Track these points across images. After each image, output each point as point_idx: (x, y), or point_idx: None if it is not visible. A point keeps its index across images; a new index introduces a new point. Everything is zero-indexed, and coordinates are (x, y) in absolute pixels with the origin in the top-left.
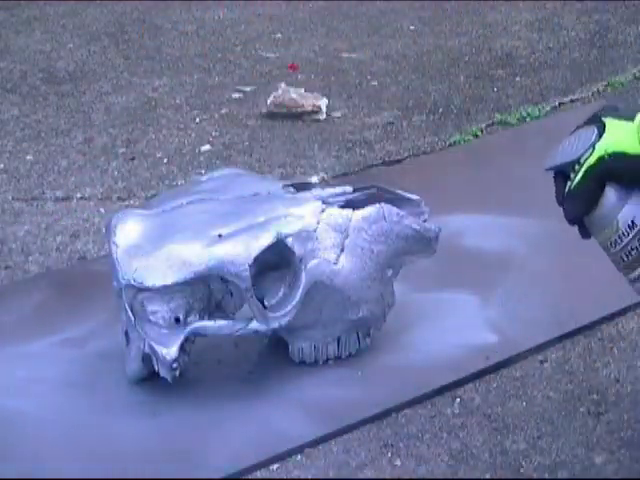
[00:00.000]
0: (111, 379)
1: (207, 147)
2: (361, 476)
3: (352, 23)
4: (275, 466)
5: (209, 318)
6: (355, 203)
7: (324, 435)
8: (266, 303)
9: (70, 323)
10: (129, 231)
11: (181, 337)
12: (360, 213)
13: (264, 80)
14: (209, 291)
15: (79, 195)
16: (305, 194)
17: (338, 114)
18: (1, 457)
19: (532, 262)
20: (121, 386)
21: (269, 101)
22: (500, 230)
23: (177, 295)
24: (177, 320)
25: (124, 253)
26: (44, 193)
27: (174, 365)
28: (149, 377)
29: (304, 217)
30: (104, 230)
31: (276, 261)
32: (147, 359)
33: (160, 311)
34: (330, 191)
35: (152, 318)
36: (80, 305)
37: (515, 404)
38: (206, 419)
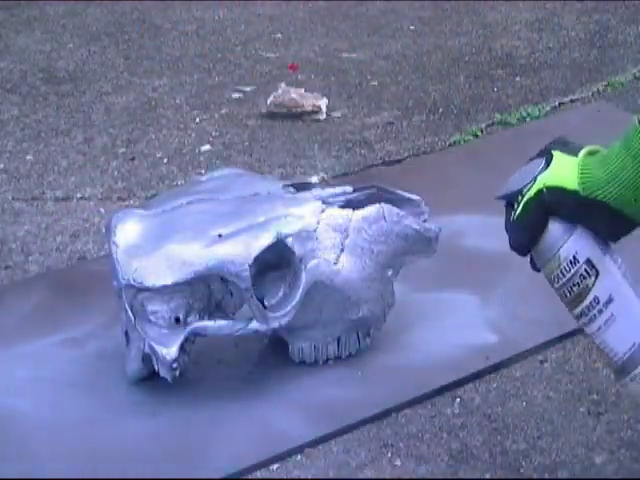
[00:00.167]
0: (111, 379)
1: (207, 147)
2: (361, 476)
3: (352, 23)
4: (275, 466)
5: (209, 318)
6: (355, 203)
7: (324, 435)
8: (266, 303)
9: (70, 323)
10: (129, 231)
11: (181, 337)
12: (360, 213)
13: (264, 80)
14: (209, 291)
15: (79, 195)
16: (305, 194)
17: (338, 114)
18: (1, 457)
19: None
20: (121, 386)
21: (269, 101)
22: (500, 230)
23: (177, 295)
24: (177, 320)
25: (124, 253)
26: (44, 193)
27: (174, 365)
28: (149, 377)
29: (304, 217)
30: (104, 230)
31: (276, 261)
32: (147, 359)
33: (160, 311)
34: (330, 191)
35: (152, 318)
36: (80, 305)
37: (515, 404)
38: (206, 419)
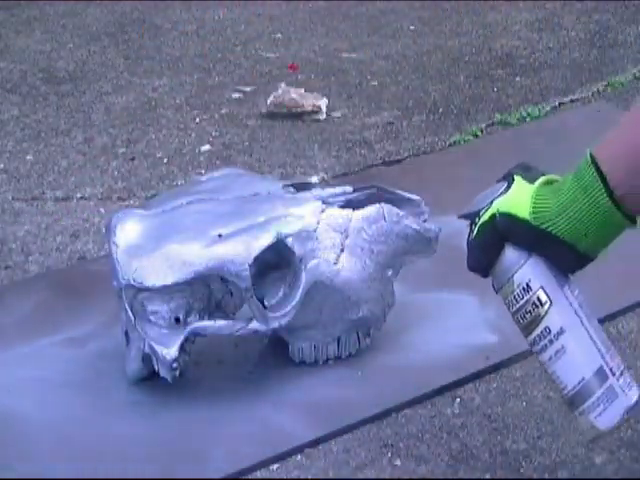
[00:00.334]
0: (111, 379)
1: (207, 147)
2: (361, 476)
3: (352, 23)
4: (275, 466)
5: (209, 318)
6: (355, 203)
7: (324, 435)
8: (266, 303)
9: (70, 323)
10: (129, 231)
11: (181, 337)
12: (360, 213)
13: (264, 80)
14: (209, 291)
15: (79, 195)
16: (305, 194)
17: (338, 114)
18: (1, 457)
19: None
20: (121, 386)
21: (269, 101)
22: None
23: (177, 295)
24: (177, 320)
25: (124, 253)
26: (44, 193)
27: (174, 365)
28: (149, 377)
29: (304, 217)
30: (104, 230)
31: (276, 261)
32: (147, 359)
33: (160, 311)
34: (330, 191)
35: (152, 318)
36: (80, 305)
37: (515, 404)
38: (206, 419)
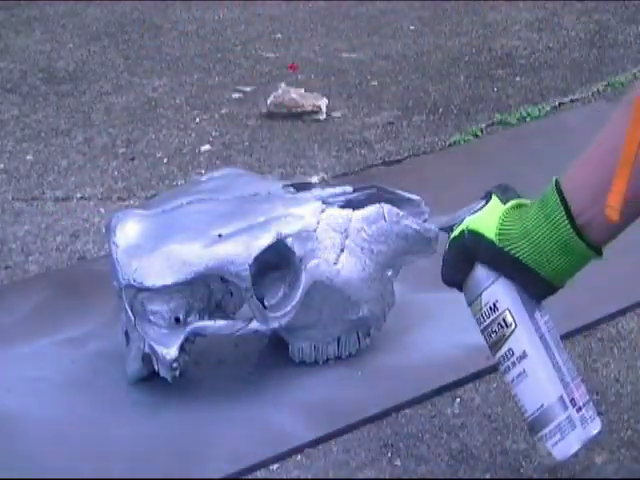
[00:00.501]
0: (111, 379)
1: (207, 147)
2: (361, 476)
3: (352, 23)
4: (275, 466)
5: (209, 318)
6: (355, 203)
7: (324, 435)
8: (266, 303)
9: (70, 323)
10: (129, 231)
11: (181, 337)
12: (360, 213)
13: (264, 80)
14: (209, 291)
15: (79, 195)
16: (305, 194)
17: (338, 114)
18: (1, 457)
19: None
20: (121, 386)
21: (269, 101)
22: None
23: (177, 295)
24: (177, 320)
25: (124, 253)
26: (44, 193)
27: (174, 365)
28: (149, 377)
29: (304, 217)
30: (104, 230)
31: (276, 261)
32: (147, 359)
33: (160, 311)
34: (330, 191)
35: (152, 318)
36: (80, 305)
37: (515, 404)
38: (206, 419)
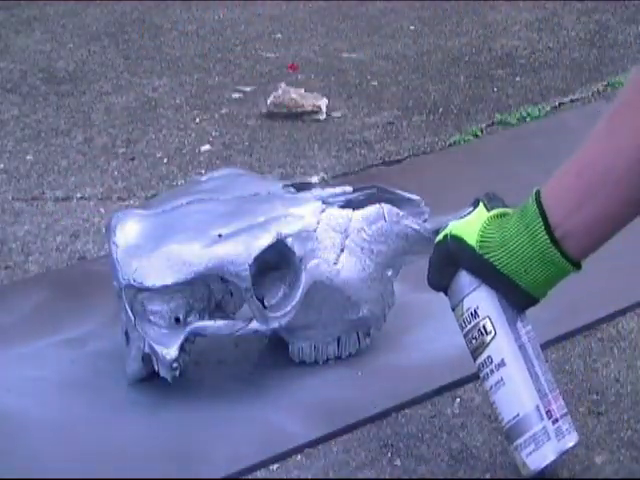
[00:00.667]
0: (111, 379)
1: (207, 147)
2: (361, 476)
3: (352, 23)
4: (275, 466)
5: (209, 318)
6: (355, 203)
7: (324, 435)
8: (266, 303)
9: (70, 323)
10: (129, 231)
11: (181, 337)
12: (360, 213)
13: (264, 80)
14: (209, 291)
15: (79, 195)
16: (305, 194)
17: (338, 114)
18: (1, 457)
19: None
20: (121, 386)
21: (269, 101)
22: None
23: (177, 295)
24: (177, 320)
25: (124, 253)
26: (44, 193)
27: (174, 365)
28: (149, 377)
29: (304, 217)
30: (104, 230)
31: (276, 261)
32: (147, 359)
33: (160, 311)
34: (330, 191)
35: (152, 318)
36: (80, 305)
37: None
38: (206, 419)
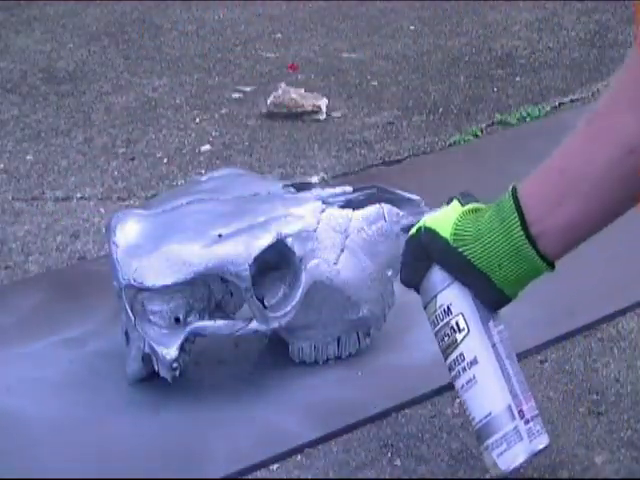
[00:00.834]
0: (111, 379)
1: (207, 147)
2: (361, 476)
3: (352, 23)
4: (275, 466)
5: (209, 318)
6: (355, 203)
7: (324, 435)
8: (266, 303)
9: (70, 323)
10: (129, 231)
11: (181, 337)
12: (360, 213)
13: (264, 80)
14: (209, 291)
15: (79, 195)
16: (305, 194)
17: (338, 114)
18: (1, 457)
19: None
20: (121, 386)
21: (269, 101)
22: None
23: (177, 295)
24: (177, 320)
25: (124, 253)
26: (44, 193)
27: (174, 365)
28: (149, 377)
29: (304, 217)
30: (104, 230)
31: (276, 261)
32: (147, 359)
33: (160, 311)
34: (330, 191)
35: (152, 318)
36: (80, 305)
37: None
38: (206, 419)
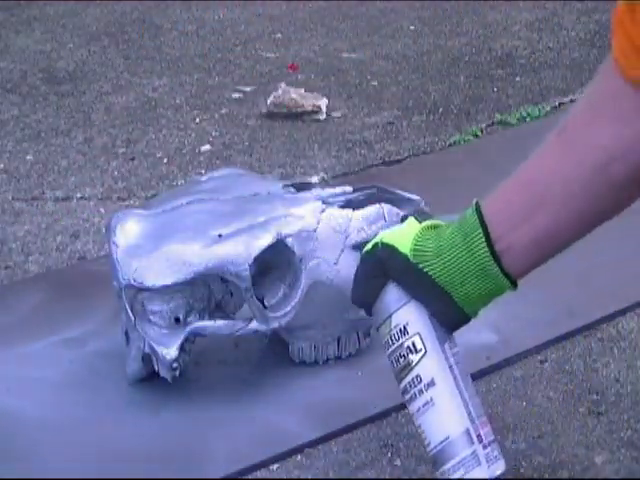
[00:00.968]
0: (111, 379)
1: (207, 147)
2: (361, 476)
3: (352, 23)
4: (275, 466)
5: (209, 318)
6: (355, 203)
7: (324, 435)
8: (266, 303)
9: (70, 323)
10: (129, 231)
11: (181, 337)
12: (360, 213)
13: (264, 80)
14: (209, 291)
15: (79, 195)
16: (305, 194)
17: (338, 114)
18: (1, 457)
19: None
20: (121, 386)
21: (269, 101)
22: None
23: (177, 295)
24: (177, 320)
25: (124, 253)
26: (44, 193)
27: (174, 365)
28: (149, 377)
29: (304, 217)
30: (104, 230)
31: (276, 261)
32: (147, 359)
33: (160, 311)
34: (330, 191)
35: (152, 318)
36: (80, 305)
37: (515, 404)
38: (206, 419)
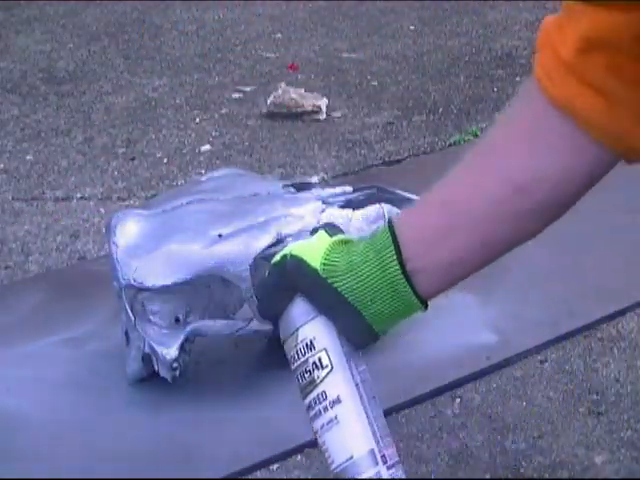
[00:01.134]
0: (111, 379)
1: (207, 147)
2: None
3: (352, 23)
4: (275, 466)
5: (209, 318)
6: (355, 203)
7: None
8: None
9: (70, 323)
10: (129, 231)
11: (181, 337)
12: (360, 213)
13: (264, 80)
14: (209, 291)
15: (79, 195)
16: (305, 194)
17: (338, 114)
18: (1, 457)
19: (532, 262)
20: (121, 386)
21: (269, 101)
22: None
23: (177, 295)
24: (177, 320)
25: (124, 253)
26: (44, 193)
27: (174, 365)
28: (149, 377)
29: (304, 217)
30: (104, 230)
31: None
32: (147, 359)
33: (160, 311)
34: (330, 191)
35: (152, 318)
36: (80, 305)
37: (515, 404)
38: (206, 419)
